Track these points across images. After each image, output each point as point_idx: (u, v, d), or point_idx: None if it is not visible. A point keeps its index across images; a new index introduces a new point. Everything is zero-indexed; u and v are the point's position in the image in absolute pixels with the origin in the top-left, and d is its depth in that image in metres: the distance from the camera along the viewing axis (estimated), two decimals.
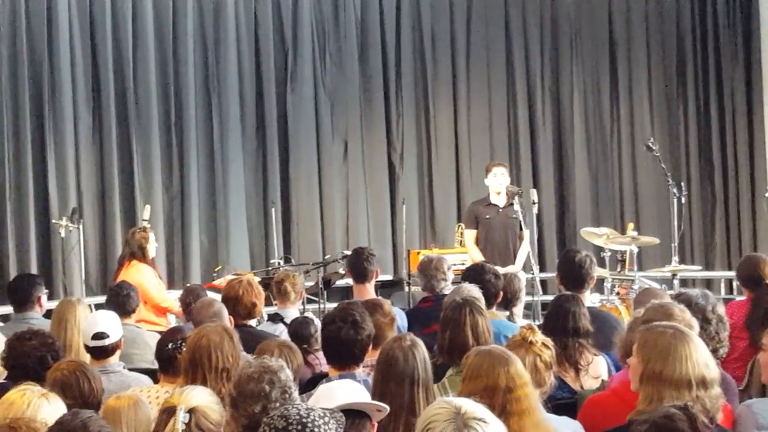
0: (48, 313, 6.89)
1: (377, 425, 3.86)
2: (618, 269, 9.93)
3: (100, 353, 5.57)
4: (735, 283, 11.42)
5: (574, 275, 6.66)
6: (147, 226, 9.45)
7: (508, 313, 7.27)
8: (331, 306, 7.37)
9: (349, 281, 8.06)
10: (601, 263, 9.59)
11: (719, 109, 13.13)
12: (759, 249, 12.10)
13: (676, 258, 10.23)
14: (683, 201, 10.49)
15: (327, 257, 11.01)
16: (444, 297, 6.55)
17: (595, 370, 5.48)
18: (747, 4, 13.03)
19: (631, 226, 10.38)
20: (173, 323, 8.45)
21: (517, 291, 7.47)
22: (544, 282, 11.37)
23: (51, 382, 4.56)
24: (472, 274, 6.93)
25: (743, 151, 13.02)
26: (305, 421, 3.11)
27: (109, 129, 11.30)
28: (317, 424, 3.12)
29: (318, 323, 6.07)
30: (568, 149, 13.11)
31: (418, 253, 10.22)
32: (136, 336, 6.79)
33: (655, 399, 3.88)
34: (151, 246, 8.88)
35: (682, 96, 13.22)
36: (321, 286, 9.21)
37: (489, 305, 6.40)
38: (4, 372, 5.29)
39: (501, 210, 9.98)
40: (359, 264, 7.53)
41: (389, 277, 11.50)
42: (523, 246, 9.85)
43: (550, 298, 7.32)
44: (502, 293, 6.94)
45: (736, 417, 4.38)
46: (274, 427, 3.12)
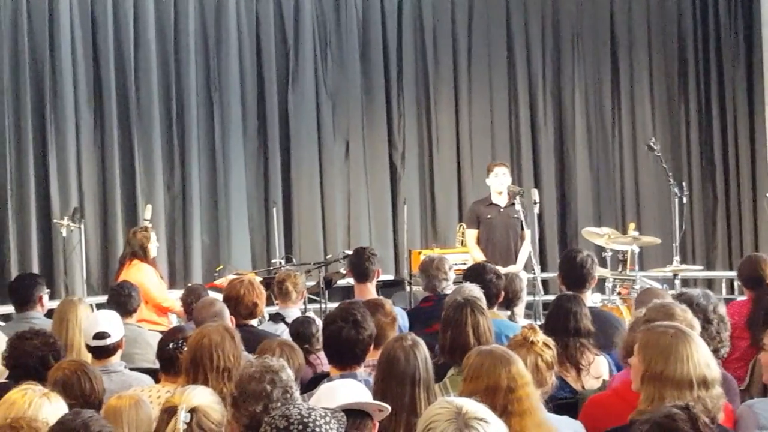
0: (49, 313, 6.90)
1: (378, 425, 3.86)
2: (619, 269, 9.92)
3: (101, 353, 5.57)
4: (736, 283, 11.43)
5: (575, 275, 6.65)
6: (148, 225, 9.44)
7: (509, 313, 7.27)
8: (333, 306, 7.37)
9: (351, 281, 8.06)
10: (603, 263, 9.58)
11: (720, 109, 13.13)
12: (760, 249, 12.09)
13: (677, 258, 10.22)
14: (684, 201, 10.50)
15: (328, 257, 11.00)
16: (445, 297, 6.54)
17: (597, 370, 5.48)
18: (748, 4, 13.03)
19: (633, 226, 10.38)
20: (174, 323, 8.44)
21: (519, 291, 7.47)
22: (545, 282, 11.37)
23: (52, 381, 4.55)
24: (473, 273, 6.92)
25: (744, 151, 13.02)
26: (306, 421, 3.11)
27: (111, 129, 11.31)
28: (318, 423, 3.12)
29: (319, 323, 6.07)
30: (569, 149, 13.11)
31: (419, 253, 10.20)
32: (137, 335, 6.79)
33: (657, 399, 3.88)
34: (153, 246, 8.88)
35: (683, 96, 13.22)
36: (322, 285, 9.20)
37: (490, 305, 6.39)
38: (5, 371, 5.29)
39: (502, 210, 9.97)
40: (360, 264, 7.52)
41: (390, 277, 11.48)
42: (525, 246, 9.85)
43: (551, 298, 7.32)
44: (503, 293, 6.93)
45: (737, 417, 4.38)
46: (275, 427, 3.12)
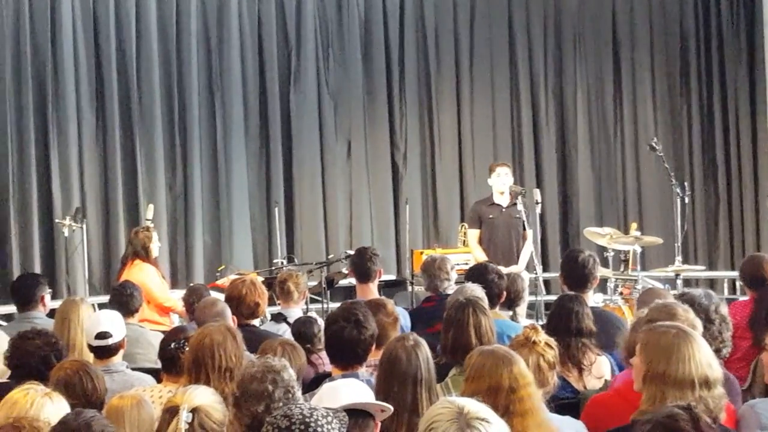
0: (51, 313, 6.89)
1: (380, 425, 3.86)
2: (621, 269, 9.91)
3: (103, 353, 5.57)
4: (738, 283, 11.43)
5: (577, 275, 6.64)
6: (150, 225, 9.44)
7: (511, 313, 7.26)
8: (335, 306, 7.36)
9: (353, 281, 8.06)
10: (605, 263, 9.56)
11: (722, 109, 13.12)
12: (762, 249, 12.10)
13: (679, 258, 10.21)
14: (686, 201, 10.49)
15: (330, 257, 11.00)
16: (447, 297, 6.54)
17: (598, 370, 5.47)
18: (750, 4, 13.02)
19: (635, 225, 10.38)
20: (176, 323, 8.44)
21: (521, 291, 7.47)
22: (547, 282, 11.36)
23: (54, 381, 4.55)
24: (475, 273, 6.92)
25: (747, 151, 13.01)
26: (308, 421, 3.11)
27: (113, 129, 11.30)
28: (320, 423, 3.12)
29: (321, 323, 6.07)
30: (571, 149, 13.11)
31: (421, 253, 10.20)
32: (139, 335, 6.79)
33: (659, 399, 3.87)
34: (154, 245, 8.88)
35: (685, 96, 13.21)
36: (324, 285, 9.19)
37: (492, 305, 6.39)
38: (7, 371, 5.29)
39: (504, 210, 9.98)
40: (362, 264, 7.52)
41: (392, 277, 11.47)
42: (527, 246, 9.86)
43: (553, 298, 7.31)
44: (505, 293, 6.93)
45: (739, 417, 4.37)
46: (277, 427, 3.12)
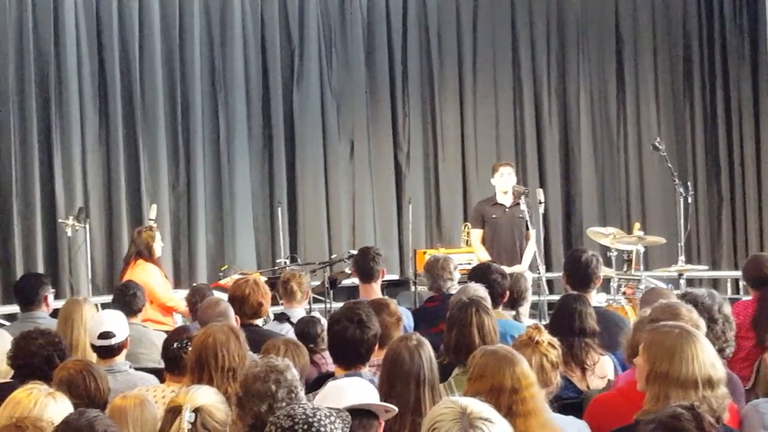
0: (54, 313, 6.89)
1: (383, 424, 3.85)
2: (624, 269, 9.91)
3: (106, 352, 5.57)
4: (741, 283, 11.42)
5: (580, 275, 6.64)
6: (153, 225, 9.44)
7: (514, 313, 7.26)
8: (337, 305, 7.37)
9: (356, 281, 8.05)
10: (608, 263, 9.56)
11: (726, 109, 13.11)
12: (765, 249, 12.10)
13: (682, 258, 10.21)
14: (690, 201, 10.48)
15: (333, 257, 11.00)
16: (450, 296, 6.54)
17: (602, 369, 5.47)
18: (753, 4, 13.01)
19: (638, 225, 10.37)
20: (179, 323, 8.44)
21: (524, 290, 7.46)
22: (550, 282, 11.37)
23: (57, 381, 4.55)
24: (478, 273, 6.91)
25: (750, 151, 13.00)
26: (311, 421, 3.10)
27: (116, 128, 11.31)
28: (323, 423, 3.11)
29: (324, 323, 6.07)
30: (574, 149, 13.11)
31: (424, 253, 10.19)
32: (142, 335, 6.80)
33: (662, 399, 3.87)
34: (157, 245, 8.87)
35: (688, 95, 13.21)
36: (327, 285, 9.20)
37: (495, 305, 6.39)
38: (10, 371, 5.29)
39: (507, 210, 9.97)
40: (365, 263, 7.52)
41: (395, 277, 11.48)
42: (530, 245, 9.85)
43: (556, 297, 7.31)
44: (508, 293, 6.93)
45: (742, 417, 4.37)
46: (280, 427, 3.11)
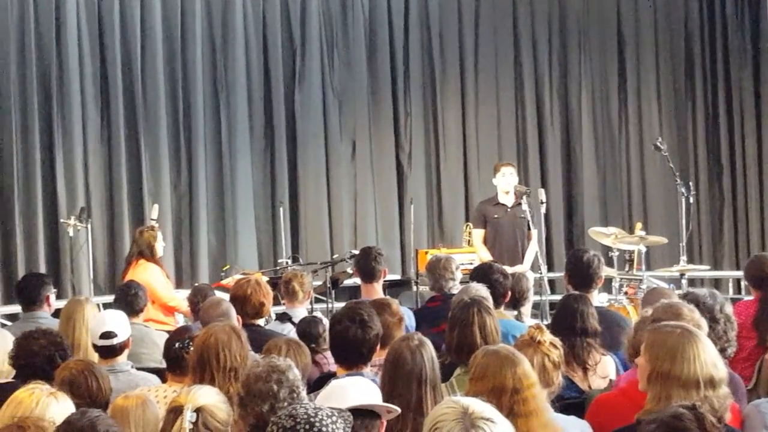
0: (56, 313, 6.90)
1: (385, 424, 3.85)
2: (626, 269, 9.91)
3: (108, 352, 5.57)
4: (743, 283, 11.41)
5: (582, 275, 6.64)
6: (155, 225, 9.44)
7: (516, 313, 7.26)
8: (339, 306, 7.36)
9: (357, 281, 8.06)
10: (609, 263, 9.57)
11: (727, 109, 13.11)
12: (767, 248, 12.09)
13: (684, 258, 10.21)
14: (691, 200, 10.48)
15: (335, 257, 10.99)
16: (452, 297, 6.53)
17: (603, 369, 5.47)
18: (755, 3, 13.01)
19: (639, 225, 10.36)
20: (181, 322, 8.44)
21: (525, 290, 7.46)
22: (552, 281, 11.35)
23: (59, 381, 4.55)
24: (480, 273, 6.90)
25: (751, 151, 13.00)
26: (313, 421, 3.10)
27: (118, 128, 11.32)
28: (325, 423, 3.11)
29: (326, 323, 6.07)
30: (576, 149, 13.11)
31: (426, 253, 10.20)
32: (144, 335, 6.80)
33: (664, 399, 3.87)
34: (159, 245, 8.87)
35: (690, 95, 13.21)
36: (329, 285, 9.20)
37: (497, 305, 6.38)
38: (12, 371, 5.29)
39: (509, 210, 9.97)
40: (367, 263, 7.52)
41: (397, 277, 11.48)
42: (531, 245, 9.84)
43: (558, 297, 7.30)
44: (510, 293, 6.92)
45: (744, 417, 4.37)
46: (282, 427, 3.11)
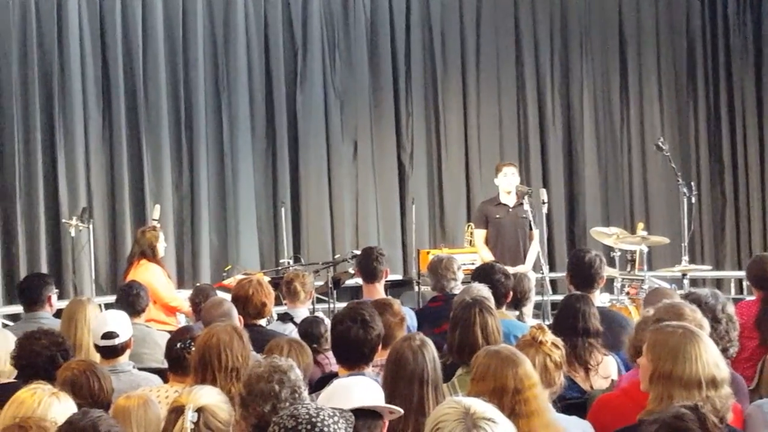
0: (58, 313, 6.90)
1: (387, 423, 3.85)
2: (628, 269, 9.91)
3: (109, 353, 5.58)
4: (745, 283, 11.40)
5: (583, 275, 6.64)
6: (157, 225, 9.44)
7: (517, 313, 7.26)
8: (341, 306, 7.36)
9: (359, 281, 8.05)
10: (611, 263, 9.56)
11: (729, 109, 13.11)
12: None
13: (686, 258, 10.20)
14: (693, 200, 10.47)
15: (337, 257, 10.99)
16: (454, 297, 6.54)
17: (605, 369, 5.47)
18: (757, 3, 13.00)
19: (641, 225, 10.36)
20: (183, 323, 8.44)
21: (527, 291, 7.46)
22: (553, 282, 11.36)
23: (61, 381, 4.56)
24: (481, 273, 6.90)
25: (753, 151, 13.00)
26: (315, 421, 3.11)
27: (119, 129, 11.32)
28: (327, 423, 3.11)
29: (328, 323, 6.06)
30: (577, 149, 13.10)
31: (427, 253, 10.20)
32: (145, 335, 6.80)
33: (665, 399, 3.87)
34: (161, 245, 8.88)
35: (692, 95, 13.20)
36: (330, 285, 9.19)
37: (499, 305, 6.38)
38: (14, 371, 5.30)
39: (511, 210, 9.96)
40: (369, 264, 7.52)
41: (399, 277, 11.49)
42: (533, 246, 9.84)
43: (559, 297, 7.31)
44: (511, 293, 6.92)
45: (746, 417, 4.37)
46: (283, 427, 3.12)
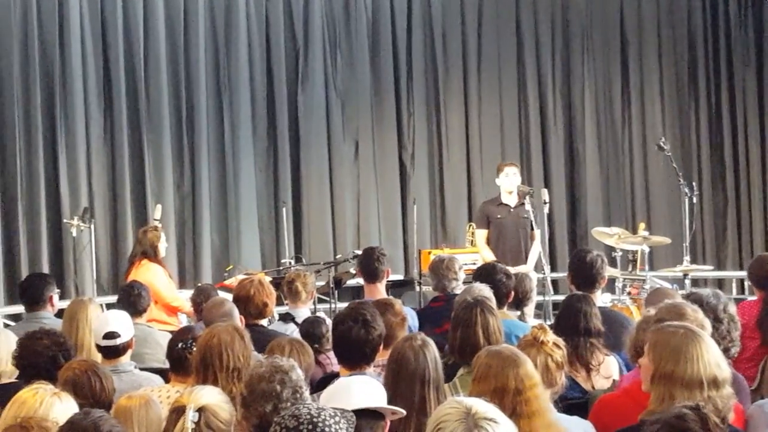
0: (60, 313, 6.90)
1: (389, 424, 3.85)
2: (629, 269, 9.90)
3: (111, 353, 5.58)
4: (746, 283, 11.40)
5: (585, 275, 6.64)
6: (158, 225, 9.44)
7: (519, 313, 7.27)
8: (342, 306, 7.37)
9: (360, 281, 8.05)
10: (613, 263, 9.56)
11: (731, 109, 13.10)
12: None
13: (687, 258, 10.19)
14: (695, 200, 10.47)
15: (338, 257, 10.99)
16: (455, 297, 6.54)
17: (607, 370, 5.47)
18: (759, 2, 13.00)
19: (643, 225, 10.36)
20: (184, 323, 8.44)
21: (528, 291, 7.47)
22: (555, 282, 11.36)
23: (63, 381, 4.56)
24: (483, 273, 6.90)
25: (755, 151, 13.00)
26: (316, 421, 3.11)
27: (121, 129, 11.32)
28: (328, 423, 3.12)
29: (329, 323, 6.06)
30: (579, 149, 13.10)
31: (429, 253, 10.19)
32: (147, 335, 6.80)
33: (667, 399, 3.87)
34: (162, 245, 8.88)
35: (693, 95, 13.20)
36: (332, 285, 9.19)
37: (500, 305, 6.38)
38: (15, 371, 5.30)
39: (512, 210, 9.96)
40: (370, 264, 7.51)
41: (400, 277, 11.49)
42: (535, 246, 9.84)
43: (561, 297, 7.29)
44: (513, 293, 6.92)
45: (747, 417, 4.37)
46: (285, 427, 3.12)
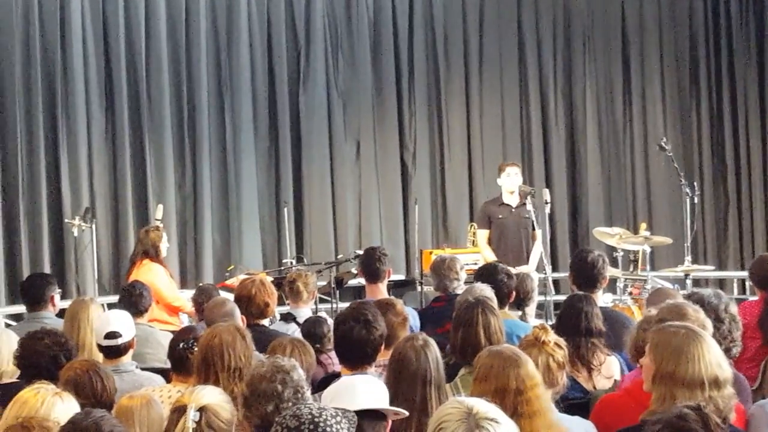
0: (61, 313, 6.90)
1: (390, 423, 3.85)
2: (630, 269, 9.89)
3: (112, 352, 5.58)
4: (748, 283, 11.40)
5: (586, 275, 6.64)
6: (160, 225, 9.44)
7: (520, 313, 7.26)
8: (344, 306, 7.37)
9: (362, 281, 8.05)
10: (614, 263, 9.55)
11: (732, 109, 13.10)
12: None
13: (688, 258, 10.19)
14: (696, 201, 10.48)
15: (339, 257, 10.99)
16: (456, 297, 6.54)
17: (608, 370, 5.47)
18: (760, 3, 12.99)
19: (644, 225, 10.36)
20: (186, 323, 8.45)
21: (530, 291, 7.46)
22: (556, 282, 11.34)
23: (64, 381, 4.56)
24: (484, 273, 6.91)
25: (756, 151, 12.99)
26: (317, 421, 3.11)
27: (122, 128, 11.32)
28: (329, 423, 3.12)
29: (331, 323, 6.06)
30: (580, 149, 13.10)
31: (430, 253, 10.19)
32: (148, 335, 6.80)
33: (668, 399, 3.87)
34: (163, 245, 8.88)
35: (694, 95, 13.19)
36: (333, 285, 9.19)
37: (501, 305, 6.38)
38: (17, 371, 5.30)
39: (514, 210, 9.97)
40: (371, 264, 7.52)
41: (402, 277, 11.48)
42: (536, 246, 9.85)
43: (562, 298, 7.29)
44: (514, 293, 6.93)
45: (749, 417, 4.36)
46: (286, 427, 3.12)
